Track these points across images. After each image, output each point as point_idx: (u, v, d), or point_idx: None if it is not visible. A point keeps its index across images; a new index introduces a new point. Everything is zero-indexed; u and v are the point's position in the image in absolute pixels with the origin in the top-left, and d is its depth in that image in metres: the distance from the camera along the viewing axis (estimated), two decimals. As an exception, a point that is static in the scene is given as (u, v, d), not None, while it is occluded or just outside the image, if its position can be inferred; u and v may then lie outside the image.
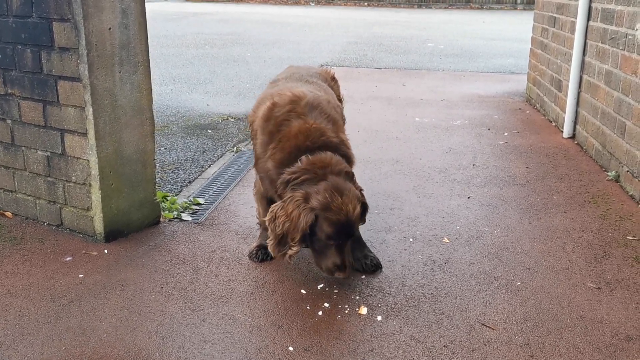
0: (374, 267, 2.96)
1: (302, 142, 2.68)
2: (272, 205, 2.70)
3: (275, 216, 2.62)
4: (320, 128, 2.73)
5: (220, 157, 4.89)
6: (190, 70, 9.05)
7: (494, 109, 6.59)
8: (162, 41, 12.09)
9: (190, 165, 4.66)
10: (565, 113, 5.33)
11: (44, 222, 3.43)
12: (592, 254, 3.17)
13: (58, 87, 3.08)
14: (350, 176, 2.70)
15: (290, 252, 2.63)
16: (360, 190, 2.74)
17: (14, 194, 3.50)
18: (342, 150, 2.77)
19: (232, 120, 6.11)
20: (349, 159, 2.81)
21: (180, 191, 4.09)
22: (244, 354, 2.33)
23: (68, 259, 3.06)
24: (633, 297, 2.75)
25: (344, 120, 3.25)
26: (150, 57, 3.30)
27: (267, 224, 2.69)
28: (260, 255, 3.03)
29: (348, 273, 2.66)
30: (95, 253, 3.12)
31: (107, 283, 2.83)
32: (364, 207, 2.73)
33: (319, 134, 2.71)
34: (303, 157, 2.64)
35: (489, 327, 2.52)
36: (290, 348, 2.37)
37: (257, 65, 9.58)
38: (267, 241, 2.72)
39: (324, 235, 2.58)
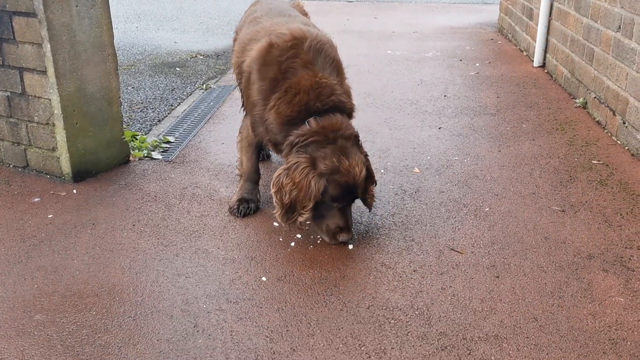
0: None
1: (312, 101, 2.52)
2: (276, 174, 2.53)
3: (282, 185, 2.48)
4: (330, 84, 2.57)
5: (190, 94, 4.81)
6: (156, 6, 8.75)
7: (466, 40, 6.54)
8: (125, -23, 11.61)
9: (159, 103, 4.58)
10: (535, 42, 5.31)
11: (10, 164, 3.37)
12: (558, 178, 3.23)
13: (13, 23, 2.96)
14: (357, 140, 2.59)
15: (301, 218, 2.51)
16: (366, 155, 2.64)
17: (-24, 137, 3.41)
18: (349, 108, 2.65)
19: (201, 57, 5.98)
20: (352, 113, 2.70)
21: (150, 130, 4.04)
22: (217, 286, 2.37)
23: (36, 199, 3.03)
24: (596, 218, 2.83)
25: None
26: (110, -9, 3.18)
27: (273, 193, 2.53)
28: (243, 209, 2.87)
29: (351, 234, 2.57)
30: (63, 193, 3.09)
31: (78, 222, 2.82)
32: (369, 172, 2.63)
33: (329, 91, 2.56)
34: (312, 120, 2.50)
35: (457, 251, 2.59)
36: (264, 278, 2.41)
37: (226, 1, 9.31)
38: (274, 211, 2.59)
39: (330, 198, 2.48)
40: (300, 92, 2.53)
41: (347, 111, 2.65)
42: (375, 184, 2.74)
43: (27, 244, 2.65)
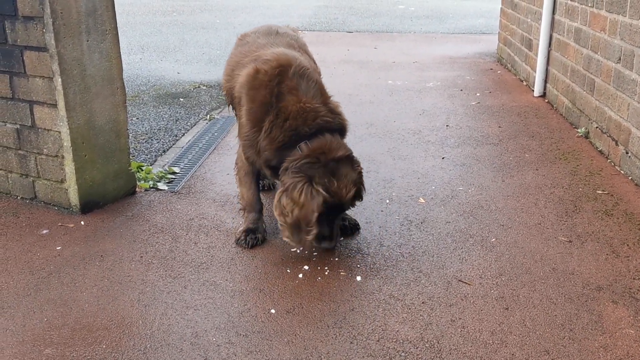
0: (352, 229, 3.00)
1: (301, 126, 2.65)
2: (276, 198, 2.65)
3: (284, 206, 2.60)
4: (313, 108, 2.69)
5: (194, 125, 4.85)
6: (159, 38, 8.87)
7: (465, 69, 6.62)
8: (128, 9, 11.78)
9: (164, 134, 4.61)
10: (535, 72, 5.38)
11: (17, 196, 3.38)
12: (564, 208, 3.25)
13: (24, 58, 3.00)
14: (349, 159, 2.69)
15: (309, 236, 2.62)
16: (359, 172, 2.73)
17: (-16, 169, 3.43)
18: (337, 125, 2.76)
19: (204, 87, 6.04)
20: (343, 128, 2.81)
21: (155, 161, 4.06)
22: (226, 318, 2.36)
23: (44, 231, 3.04)
24: (603, 248, 2.84)
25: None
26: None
27: (277, 217, 2.67)
28: (250, 240, 2.89)
29: (335, 243, 2.74)
30: (71, 225, 3.10)
31: (86, 254, 2.82)
32: (358, 190, 2.74)
33: (314, 115, 2.68)
34: (302, 145, 2.63)
35: (465, 282, 2.59)
36: (273, 311, 2.41)
37: (227, 32, 9.43)
38: (282, 234, 2.72)
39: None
40: (289, 117, 2.66)
41: (336, 129, 2.76)
42: (361, 200, 2.83)
43: (36, 277, 2.65)
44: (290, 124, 2.66)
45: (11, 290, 2.55)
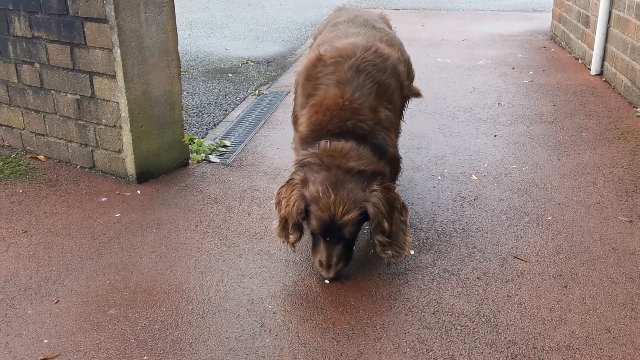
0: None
1: (326, 123, 2.35)
2: (279, 187, 2.44)
3: (280, 198, 2.39)
4: (353, 108, 2.34)
5: (243, 100, 4.88)
6: (206, 14, 8.93)
7: (517, 47, 6.46)
8: (175, -14, 11.87)
9: (214, 108, 4.66)
10: (592, 50, 5.21)
11: (77, 165, 3.48)
12: (623, 188, 3.16)
13: (85, 29, 3.06)
14: (364, 175, 2.28)
15: (290, 239, 2.38)
16: (373, 192, 2.28)
17: (45, 138, 3.53)
18: (375, 140, 2.37)
19: (252, 63, 6.06)
20: (381, 149, 2.39)
21: (206, 134, 4.11)
22: (281, 287, 2.39)
23: (103, 199, 3.12)
24: (665, 229, 2.76)
25: (412, 76, 2.88)
26: None
27: (275, 207, 2.45)
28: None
29: (332, 274, 2.36)
30: (128, 194, 3.17)
31: (143, 222, 2.89)
32: (365, 214, 2.28)
33: (348, 115, 2.34)
34: (322, 142, 2.34)
35: (521, 259, 2.55)
36: (327, 281, 2.43)
37: (274, 9, 9.42)
38: (275, 223, 2.47)
39: (312, 227, 2.33)
40: (319, 111, 2.39)
41: (371, 140, 2.37)
42: (388, 235, 2.31)
43: (97, 242, 2.73)
44: (317, 117, 2.37)
45: (75, 254, 2.63)
